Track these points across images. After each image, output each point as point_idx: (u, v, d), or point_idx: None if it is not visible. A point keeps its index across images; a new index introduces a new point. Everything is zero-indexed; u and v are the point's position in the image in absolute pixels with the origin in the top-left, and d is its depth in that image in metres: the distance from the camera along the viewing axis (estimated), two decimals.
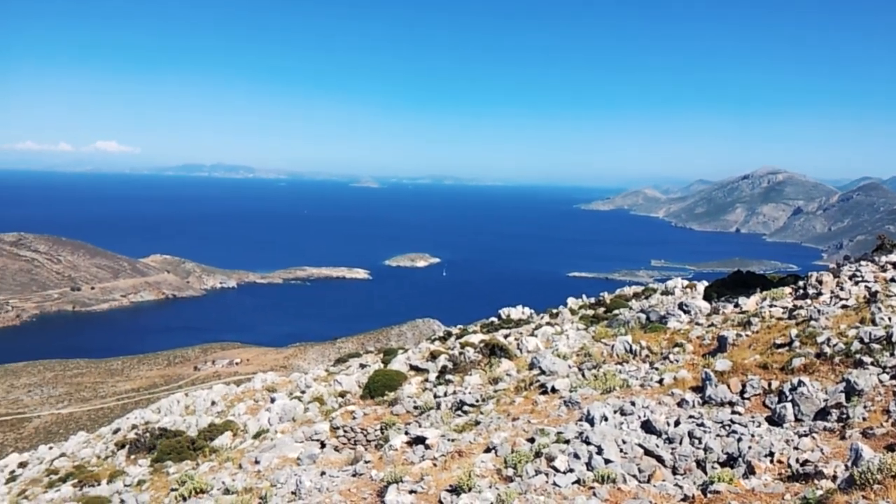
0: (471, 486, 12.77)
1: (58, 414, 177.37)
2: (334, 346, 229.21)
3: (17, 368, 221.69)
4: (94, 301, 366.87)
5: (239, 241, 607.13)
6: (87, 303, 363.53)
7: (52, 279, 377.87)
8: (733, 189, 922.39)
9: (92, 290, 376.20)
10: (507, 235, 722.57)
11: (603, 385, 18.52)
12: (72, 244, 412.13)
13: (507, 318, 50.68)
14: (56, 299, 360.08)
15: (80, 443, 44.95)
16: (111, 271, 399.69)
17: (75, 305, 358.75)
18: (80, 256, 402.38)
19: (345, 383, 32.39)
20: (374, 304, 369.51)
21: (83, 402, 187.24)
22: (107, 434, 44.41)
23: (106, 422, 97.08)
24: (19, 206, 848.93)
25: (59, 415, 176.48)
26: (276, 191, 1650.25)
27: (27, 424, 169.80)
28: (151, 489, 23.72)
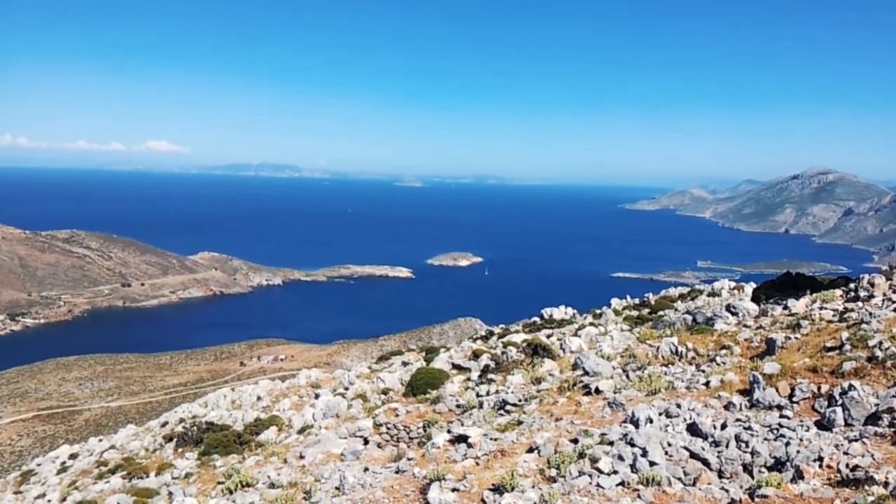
0: (514, 486, 12.76)
1: (107, 407, 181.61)
2: (377, 343, 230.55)
3: (69, 362, 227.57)
4: (144, 297, 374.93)
5: (284, 239, 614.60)
6: (137, 299, 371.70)
7: (103, 275, 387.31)
8: (782, 189, 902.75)
9: (142, 287, 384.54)
10: (550, 235, 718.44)
11: (648, 387, 18.33)
12: (122, 241, 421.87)
13: (549, 318, 50.40)
14: (107, 295, 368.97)
15: (129, 435, 45.94)
16: (160, 268, 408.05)
17: (125, 301, 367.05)
18: (131, 253, 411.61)
19: (387, 381, 32.59)
20: (416, 302, 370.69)
21: (132, 395, 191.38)
22: (155, 427, 45.32)
23: (154, 415, 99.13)
24: (72, 203, 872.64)
25: (109, 408, 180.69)
26: (320, 190, 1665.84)
27: (78, 417, 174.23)
28: (198, 482, 24.14)
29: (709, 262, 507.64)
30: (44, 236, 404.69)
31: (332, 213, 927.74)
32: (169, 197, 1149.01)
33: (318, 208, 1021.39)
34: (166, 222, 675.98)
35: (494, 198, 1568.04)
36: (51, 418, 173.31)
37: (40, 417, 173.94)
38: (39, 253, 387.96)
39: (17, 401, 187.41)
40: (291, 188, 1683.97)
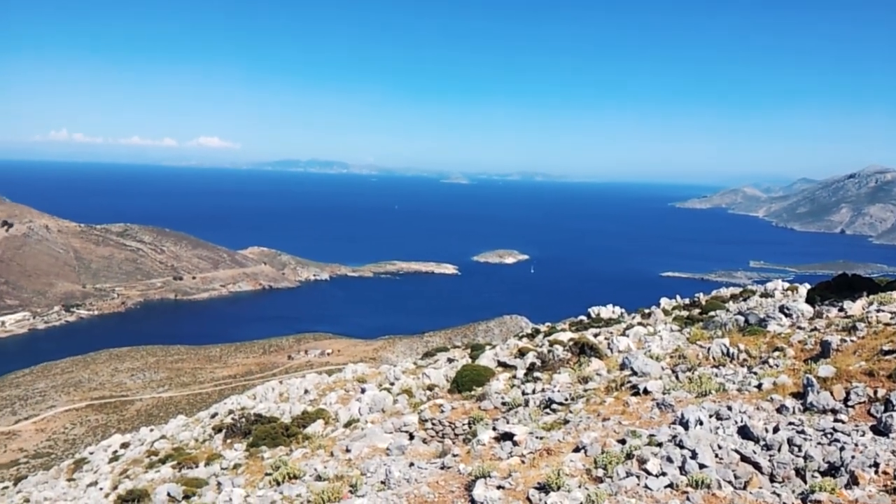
0: (560, 485, 12.69)
1: (158, 397, 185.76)
2: (422, 339, 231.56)
3: (122, 353, 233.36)
4: (195, 290, 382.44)
5: (332, 234, 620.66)
6: (188, 292, 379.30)
7: (155, 269, 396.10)
8: (838, 188, 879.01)
9: (193, 280, 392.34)
10: (598, 233, 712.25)
11: (698, 388, 18.04)
12: (175, 235, 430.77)
13: (596, 316, 49.97)
14: (159, 288, 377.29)
15: (180, 426, 46.87)
16: (211, 262, 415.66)
17: (177, 294, 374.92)
18: (183, 247, 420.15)
19: (433, 377, 32.67)
20: (461, 299, 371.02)
21: (182, 386, 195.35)
22: (205, 418, 46.14)
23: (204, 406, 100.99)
24: (126, 198, 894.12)
25: (160, 398, 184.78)
26: (367, 186, 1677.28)
27: (129, 407, 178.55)
28: (246, 473, 24.50)
29: (762, 263, 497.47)
30: (98, 230, 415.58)
31: (379, 210, 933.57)
32: (220, 192, 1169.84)
33: (365, 204, 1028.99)
34: (217, 217, 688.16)
35: (541, 195, 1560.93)
36: (103, 408, 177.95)
37: (93, 407, 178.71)
38: (94, 246, 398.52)
39: (71, 390, 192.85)
40: (339, 184, 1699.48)
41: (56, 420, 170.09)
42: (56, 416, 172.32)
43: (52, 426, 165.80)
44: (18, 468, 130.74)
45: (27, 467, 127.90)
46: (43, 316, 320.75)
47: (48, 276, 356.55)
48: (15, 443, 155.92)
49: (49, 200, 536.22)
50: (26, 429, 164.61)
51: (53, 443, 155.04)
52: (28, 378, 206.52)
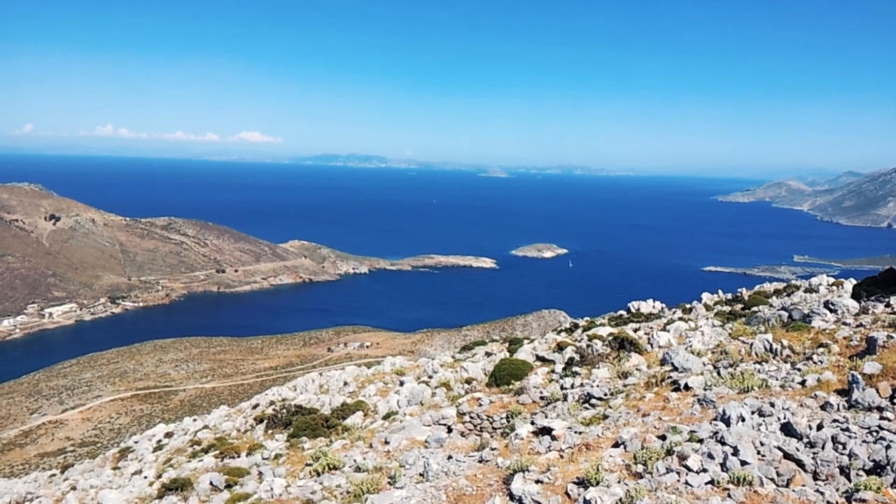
0: (599, 480, 12.63)
1: (201, 388, 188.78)
2: (460, 333, 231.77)
3: (166, 344, 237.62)
4: (237, 283, 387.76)
5: (371, 228, 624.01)
6: (231, 284, 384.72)
7: (198, 261, 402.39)
8: (886, 181, 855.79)
9: (235, 273, 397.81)
10: (638, 227, 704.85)
11: (740, 384, 17.79)
12: (217, 229, 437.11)
13: (636, 311, 49.52)
14: (202, 280, 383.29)
15: (222, 416, 47.58)
16: (253, 255, 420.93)
17: (220, 286, 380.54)
18: (225, 240, 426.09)
19: (471, 370, 32.68)
20: (499, 293, 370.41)
21: (225, 377, 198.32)
22: (246, 409, 46.79)
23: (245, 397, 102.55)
24: (170, 192, 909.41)
25: (203, 389, 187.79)
26: (406, 180, 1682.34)
27: (173, 397, 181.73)
28: (287, 463, 24.81)
29: (806, 257, 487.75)
30: (143, 223, 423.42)
31: (418, 204, 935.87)
32: (261, 186, 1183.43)
33: (403, 198, 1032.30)
34: (259, 211, 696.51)
35: (581, 189, 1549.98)
36: (148, 398, 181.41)
37: (138, 397, 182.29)
38: (139, 239, 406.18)
39: (117, 380, 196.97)
40: (378, 178, 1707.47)
41: (102, 409, 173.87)
42: (102, 406, 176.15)
43: (98, 415, 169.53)
44: (65, 456, 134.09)
45: (73, 456, 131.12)
46: (89, 308, 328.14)
47: (94, 268, 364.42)
48: (62, 431, 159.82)
49: (95, 195, 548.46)
50: (73, 418, 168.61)
51: (99, 432, 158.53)
52: (75, 368, 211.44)
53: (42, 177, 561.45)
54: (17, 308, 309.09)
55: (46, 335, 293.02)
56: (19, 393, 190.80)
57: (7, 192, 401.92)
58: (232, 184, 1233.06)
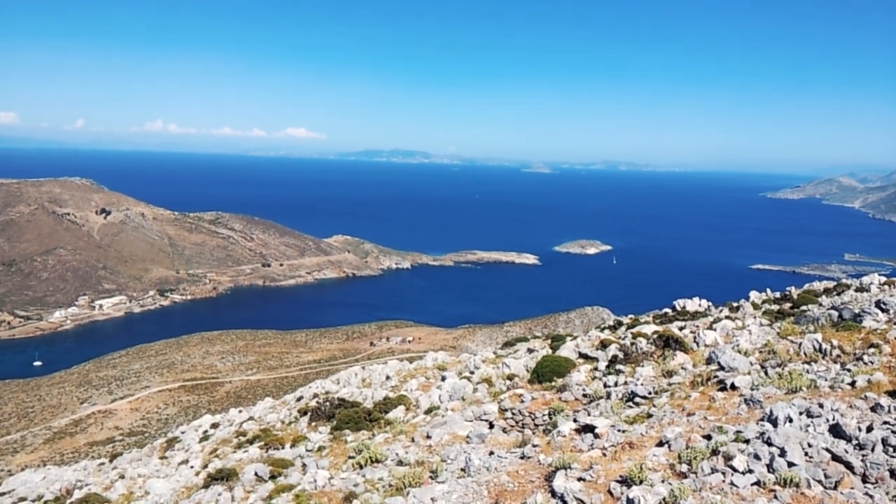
0: (642, 479, 12.54)
1: (247, 380, 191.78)
2: (502, 329, 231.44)
3: (213, 336, 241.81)
4: (282, 277, 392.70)
5: (413, 223, 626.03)
6: (276, 278, 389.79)
7: (245, 255, 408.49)
8: None
9: (280, 267, 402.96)
10: (684, 224, 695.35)
11: (788, 384, 17.47)
12: (263, 223, 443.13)
13: (682, 309, 48.83)
14: (248, 274, 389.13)
15: (267, 408, 48.19)
16: (298, 249, 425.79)
17: (265, 280, 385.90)
18: (271, 235, 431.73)
19: (513, 366, 32.59)
20: (542, 289, 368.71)
21: (269, 370, 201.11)
22: (290, 401, 47.32)
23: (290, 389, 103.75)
24: (217, 186, 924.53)
25: (248, 381, 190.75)
26: (449, 176, 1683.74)
27: (219, 388, 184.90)
28: (330, 455, 25.06)
29: (857, 256, 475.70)
30: (191, 217, 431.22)
31: (461, 199, 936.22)
32: (306, 182, 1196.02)
33: (446, 194, 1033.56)
34: (303, 206, 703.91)
35: (626, 185, 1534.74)
36: (195, 389, 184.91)
37: (185, 388, 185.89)
38: (187, 233, 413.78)
39: (165, 371, 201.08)
40: (421, 174, 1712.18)
41: (150, 400, 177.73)
42: (150, 396, 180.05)
43: (146, 406, 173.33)
44: (114, 445, 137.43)
45: (122, 445, 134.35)
46: (139, 300, 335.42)
47: (144, 261, 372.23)
48: (111, 421, 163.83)
49: (145, 189, 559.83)
50: (122, 408, 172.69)
51: (147, 422, 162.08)
52: (124, 359, 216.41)
53: (93, 171, 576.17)
54: (69, 300, 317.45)
55: (97, 326, 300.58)
56: (70, 383, 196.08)
57: (59, 186, 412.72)
58: (277, 179, 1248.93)
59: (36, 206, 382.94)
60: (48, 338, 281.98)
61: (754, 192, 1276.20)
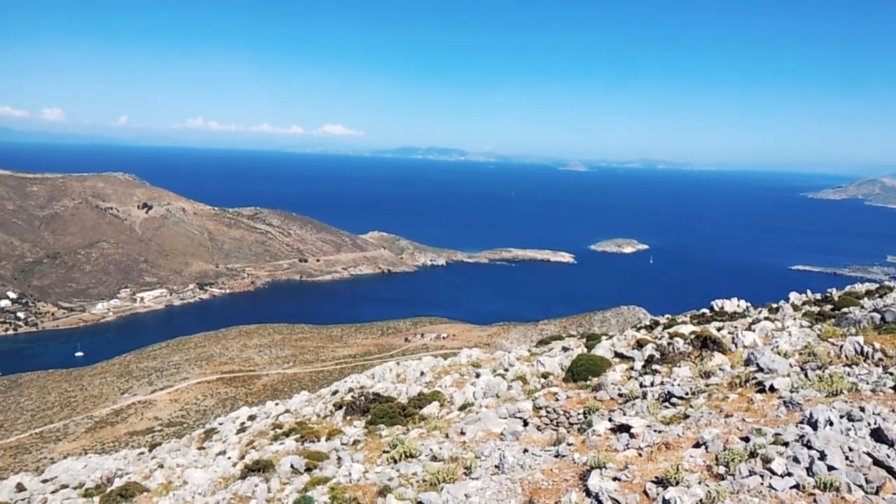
0: (678, 480, 12.45)
1: (283, 373, 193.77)
2: (536, 327, 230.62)
3: (251, 330, 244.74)
4: (319, 272, 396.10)
5: (449, 221, 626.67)
6: (313, 273, 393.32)
7: (282, 251, 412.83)
8: None
9: (317, 262, 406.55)
10: (722, 224, 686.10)
11: (828, 387, 17.18)
12: (301, 219, 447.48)
13: (720, 310, 48.23)
14: (285, 269, 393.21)
15: (303, 401, 48.67)
16: (334, 245, 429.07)
17: (302, 275, 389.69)
18: (308, 231, 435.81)
19: (547, 365, 32.47)
20: (577, 288, 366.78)
21: (306, 364, 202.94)
22: (326, 395, 47.73)
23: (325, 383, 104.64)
24: (256, 182, 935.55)
25: (285, 374, 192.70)
26: (485, 173, 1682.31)
27: (257, 381, 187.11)
28: (365, 449, 25.23)
29: None
30: (231, 213, 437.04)
31: (496, 197, 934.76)
32: (343, 178, 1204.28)
33: (482, 191, 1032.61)
34: (340, 202, 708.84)
35: (663, 183, 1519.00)
36: (232, 381, 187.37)
37: (223, 380, 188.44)
38: (226, 228, 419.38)
39: (203, 363, 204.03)
40: (457, 171, 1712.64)
41: (189, 391, 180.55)
42: (189, 388, 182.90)
43: (185, 397, 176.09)
44: (153, 435, 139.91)
45: (161, 435, 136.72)
46: (179, 293, 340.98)
47: (184, 255, 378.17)
48: (151, 411, 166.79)
49: (185, 184, 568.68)
50: (161, 398, 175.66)
51: (186, 412, 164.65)
52: (164, 351, 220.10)
53: (136, 167, 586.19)
54: (111, 292, 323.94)
55: (138, 318, 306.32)
56: (111, 373, 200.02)
57: (103, 181, 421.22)
58: (315, 175, 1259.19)
59: (80, 200, 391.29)
60: (91, 329, 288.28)
61: (794, 192, 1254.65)
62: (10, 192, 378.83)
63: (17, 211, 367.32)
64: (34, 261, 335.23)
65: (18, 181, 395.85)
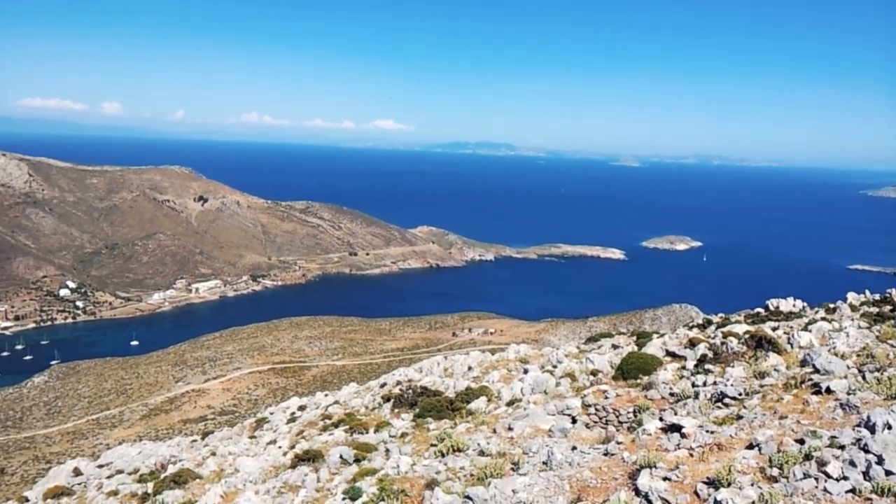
0: (730, 481, 12.28)
1: (332, 365, 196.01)
2: (585, 324, 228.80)
3: (301, 322, 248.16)
4: (368, 266, 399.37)
5: (498, 216, 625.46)
6: (362, 267, 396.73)
7: (333, 244, 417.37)
8: None
9: (366, 256, 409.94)
10: (779, 221, 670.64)
11: (887, 390, 16.73)
12: (351, 213, 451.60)
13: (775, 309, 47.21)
14: (336, 262, 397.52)
15: (352, 393, 49.15)
16: (383, 239, 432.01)
17: (352, 269, 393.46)
18: (358, 224, 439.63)
19: (597, 362, 32.19)
20: (627, 285, 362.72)
21: (354, 356, 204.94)
22: (374, 387, 48.13)
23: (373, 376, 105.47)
24: (308, 176, 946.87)
25: (334, 366, 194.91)
26: (534, 168, 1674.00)
27: (307, 372, 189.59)
28: (413, 442, 25.40)
29: None
30: (283, 206, 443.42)
31: (546, 192, 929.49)
32: (393, 173, 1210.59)
33: (531, 186, 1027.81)
34: (390, 196, 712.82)
35: (718, 180, 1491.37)
36: (283, 372, 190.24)
37: (274, 370, 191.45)
38: (279, 221, 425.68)
39: (255, 354, 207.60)
40: (506, 166, 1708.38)
41: (241, 381, 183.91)
42: (241, 378, 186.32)
43: (237, 386, 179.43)
44: (206, 423, 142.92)
45: (214, 423, 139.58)
46: (232, 284, 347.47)
47: (238, 248, 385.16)
48: (204, 400, 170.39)
49: (240, 178, 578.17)
50: (214, 387, 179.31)
51: (238, 402, 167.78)
52: (217, 341, 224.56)
53: (192, 160, 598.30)
54: (167, 283, 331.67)
55: (192, 309, 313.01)
56: (166, 362, 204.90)
57: (160, 174, 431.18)
58: (365, 170, 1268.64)
59: (138, 192, 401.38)
60: (147, 318, 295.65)
61: (854, 189, 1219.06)
62: (70, 185, 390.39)
63: (77, 202, 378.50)
64: (93, 251, 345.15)
65: (79, 173, 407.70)
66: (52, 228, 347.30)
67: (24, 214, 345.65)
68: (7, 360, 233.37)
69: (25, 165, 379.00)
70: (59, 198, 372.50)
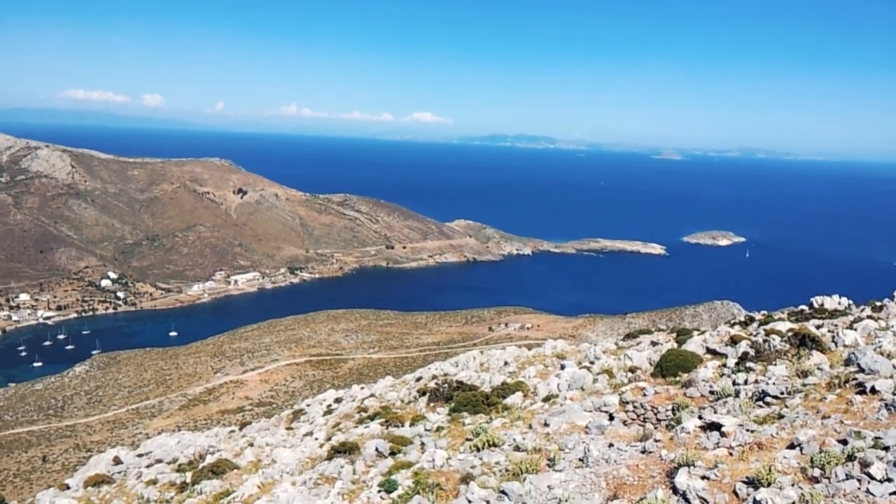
0: (771, 481, 12.08)
1: (369, 358, 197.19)
2: (623, 320, 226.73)
3: (338, 314, 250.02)
4: (405, 259, 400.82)
5: (536, 209, 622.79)
6: (399, 260, 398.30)
7: (370, 237, 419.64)
8: None
9: (403, 249, 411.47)
10: (824, 216, 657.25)
11: None
12: (388, 206, 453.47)
13: (819, 307, 46.24)
14: (373, 255, 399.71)
15: (387, 386, 49.38)
16: (420, 233, 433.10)
17: (388, 262, 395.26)
18: (395, 218, 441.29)
19: (635, 359, 31.86)
20: (668, 281, 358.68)
21: (390, 349, 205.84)
22: (410, 381, 48.29)
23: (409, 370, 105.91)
24: (346, 168, 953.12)
25: (370, 359, 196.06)
26: (574, 162, 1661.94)
27: (343, 365, 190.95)
28: (448, 436, 25.43)
29: None
30: (321, 199, 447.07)
31: (585, 186, 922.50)
32: (431, 166, 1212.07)
33: (570, 180, 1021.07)
34: (427, 190, 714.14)
35: (763, 174, 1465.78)
36: (320, 364, 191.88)
37: (311, 363, 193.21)
38: (317, 214, 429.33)
39: (293, 346, 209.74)
40: (545, 159, 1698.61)
41: (278, 373, 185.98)
42: (278, 369, 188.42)
43: (275, 378, 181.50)
44: (244, 414, 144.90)
45: (251, 414, 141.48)
46: (270, 276, 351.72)
47: (276, 240, 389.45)
48: (242, 391, 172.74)
49: (278, 170, 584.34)
50: (252, 379, 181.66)
51: (275, 393, 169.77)
52: (255, 333, 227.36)
53: (231, 153, 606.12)
54: (207, 274, 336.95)
55: (231, 300, 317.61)
56: (205, 353, 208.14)
57: (200, 166, 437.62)
58: (403, 162, 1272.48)
59: (178, 184, 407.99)
60: (186, 309, 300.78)
61: None
62: (112, 176, 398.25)
63: (118, 194, 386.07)
64: (134, 243, 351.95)
65: (120, 165, 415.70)
66: (93, 219, 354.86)
67: (66, 205, 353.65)
68: (49, 350, 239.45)
69: (68, 157, 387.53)
70: (101, 189, 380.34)
